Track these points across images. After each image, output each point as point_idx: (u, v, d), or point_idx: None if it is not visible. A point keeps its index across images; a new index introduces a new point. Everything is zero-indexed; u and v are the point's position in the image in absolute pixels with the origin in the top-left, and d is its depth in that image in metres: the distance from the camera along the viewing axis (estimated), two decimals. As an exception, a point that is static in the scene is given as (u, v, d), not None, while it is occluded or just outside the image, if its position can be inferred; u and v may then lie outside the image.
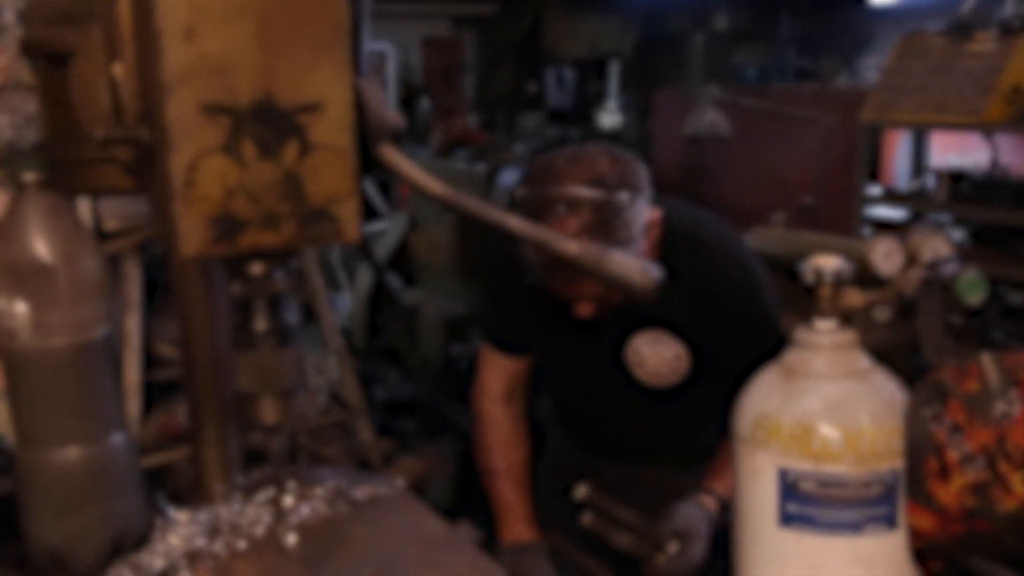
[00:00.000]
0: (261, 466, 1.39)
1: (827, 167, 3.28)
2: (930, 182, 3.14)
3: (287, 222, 0.67)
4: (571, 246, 0.64)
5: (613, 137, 6.92)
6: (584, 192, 1.39)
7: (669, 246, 1.56)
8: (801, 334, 1.32)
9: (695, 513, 1.58)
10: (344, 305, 5.06)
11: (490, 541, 3.73)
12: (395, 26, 7.94)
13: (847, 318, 1.72)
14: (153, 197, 0.71)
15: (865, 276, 1.43)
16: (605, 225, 1.41)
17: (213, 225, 0.65)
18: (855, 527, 1.23)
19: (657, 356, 1.64)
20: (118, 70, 0.74)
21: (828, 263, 1.29)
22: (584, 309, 1.58)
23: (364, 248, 1.11)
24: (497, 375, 1.80)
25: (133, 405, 1.47)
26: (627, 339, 1.65)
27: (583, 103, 7.94)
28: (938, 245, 1.31)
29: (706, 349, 1.62)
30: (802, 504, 1.24)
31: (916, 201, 3.04)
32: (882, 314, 1.34)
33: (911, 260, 1.35)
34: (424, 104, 7.56)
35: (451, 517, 3.37)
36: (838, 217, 3.28)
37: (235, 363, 0.72)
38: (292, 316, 0.73)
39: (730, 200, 4.06)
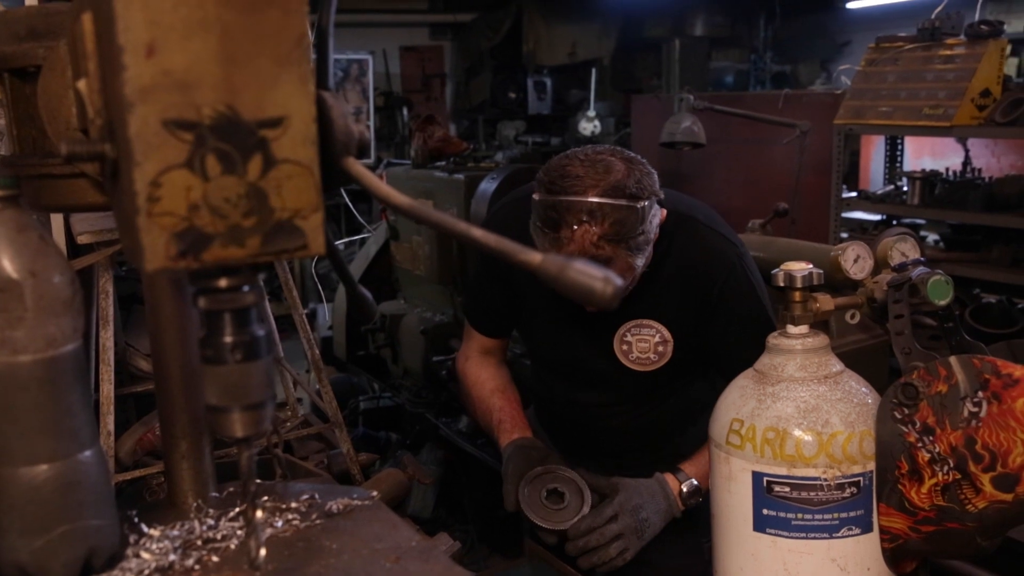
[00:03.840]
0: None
1: (803, 172, 3.31)
2: (905, 186, 3.18)
3: (252, 236, 0.67)
4: (534, 257, 0.64)
5: (593, 144, 6.95)
6: (606, 201, 1.40)
7: (662, 225, 1.58)
8: (773, 339, 1.33)
9: (644, 486, 1.61)
10: (326, 317, 5.05)
11: (473, 550, 3.70)
12: (374, 34, 7.96)
13: (822, 323, 1.74)
14: (118, 213, 0.71)
15: (837, 281, 1.45)
16: (625, 233, 1.42)
17: (177, 240, 0.65)
18: (830, 530, 1.24)
19: (643, 343, 1.67)
20: (81, 86, 0.74)
21: (798, 268, 1.31)
22: (592, 306, 1.60)
23: (334, 260, 1.11)
24: (478, 344, 1.90)
25: (109, 419, 1.46)
26: (616, 328, 1.67)
27: (563, 110, 7.99)
28: (906, 248, 1.33)
29: (691, 332, 1.64)
30: (776, 508, 1.25)
31: (890, 205, 3.07)
32: (854, 319, 1.35)
33: (881, 264, 1.37)
34: (404, 113, 7.57)
35: (433, 526, 3.37)
36: (815, 222, 3.31)
37: (203, 377, 0.71)
38: (261, 329, 0.73)
39: (711, 205, 4.09)
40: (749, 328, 1.51)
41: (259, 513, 0.76)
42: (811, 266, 1.30)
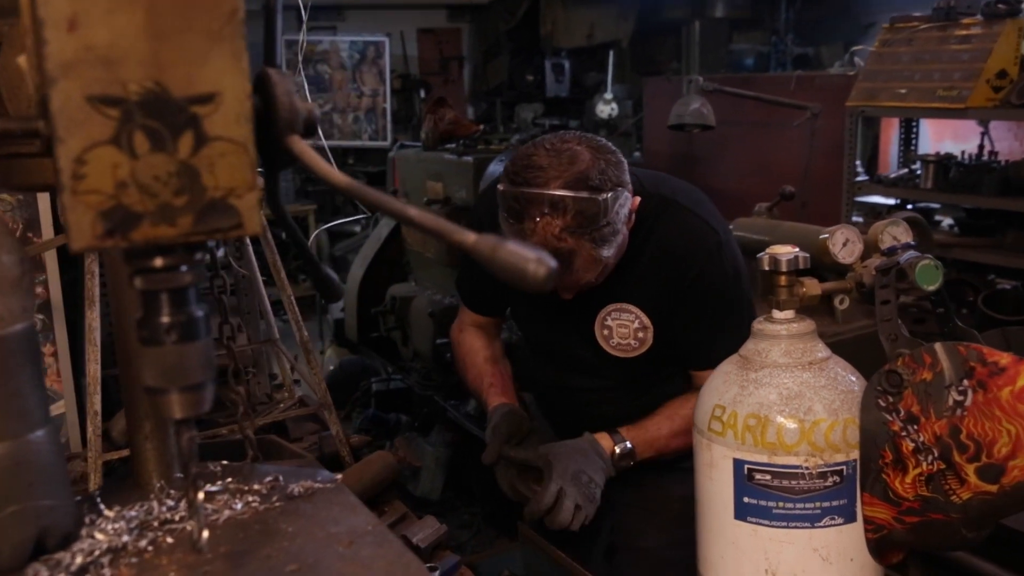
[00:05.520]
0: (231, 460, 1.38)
1: (816, 156, 3.25)
2: (919, 170, 3.11)
3: (184, 215, 0.66)
4: (468, 237, 0.62)
5: (610, 126, 6.90)
6: (567, 194, 1.39)
7: (642, 210, 1.57)
8: (759, 324, 1.31)
9: (566, 441, 1.62)
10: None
11: (480, 533, 3.71)
12: (391, 16, 7.93)
13: (828, 309, 1.70)
14: (55, 191, 0.70)
15: (826, 266, 1.41)
16: (588, 224, 1.41)
17: (104, 218, 0.63)
18: (811, 519, 1.22)
19: (623, 328, 1.66)
20: (21, 61, 0.72)
21: (783, 252, 1.28)
22: (567, 293, 1.60)
23: (294, 239, 1.09)
24: (471, 318, 1.92)
25: (96, 399, 1.46)
26: (596, 313, 1.66)
27: (581, 93, 7.92)
28: (898, 232, 1.29)
29: (670, 319, 1.63)
30: (757, 496, 1.23)
31: (903, 189, 3.01)
32: (843, 304, 1.32)
33: (872, 249, 1.34)
34: (421, 95, 7.55)
35: (442, 508, 3.38)
36: (828, 206, 3.26)
37: (141, 358, 0.70)
38: (200, 309, 0.72)
39: (721, 189, 4.04)
40: (724, 316, 1.48)
41: (200, 495, 0.75)
42: (797, 250, 1.27)
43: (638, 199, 1.54)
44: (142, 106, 0.64)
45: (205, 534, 0.76)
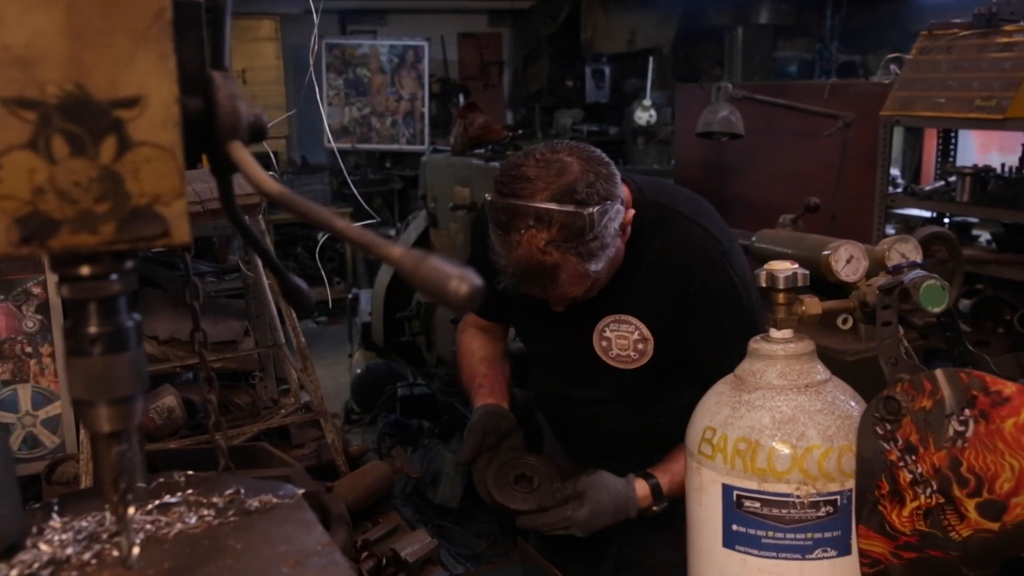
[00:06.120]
0: (216, 469, 1.36)
1: (851, 166, 3.16)
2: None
3: (106, 222, 0.63)
4: (394, 251, 0.59)
5: (648, 133, 6.82)
6: (553, 207, 1.35)
7: (641, 219, 1.53)
8: (755, 343, 1.25)
9: (608, 483, 1.58)
10: (367, 302, 5.07)
11: (497, 543, 3.67)
12: (432, 21, 7.95)
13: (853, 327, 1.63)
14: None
15: (833, 283, 1.35)
16: (574, 238, 1.37)
17: (19, 225, 0.61)
18: (803, 551, 1.16)
19: (622, 339, 1.62)
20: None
21: (781, 268, 1.22)
22: (558, 306, 1.56)
23: (257, 248, 1.06)
24: (473, 320, 1.90)
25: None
26: (594, 324, 1.63)
27: (620, 99, 7.85)
28: (907, 250, 1.23)
29: (671, 331, 1.58)
30: (746, 524, 1.17)
31: (938, 202, 2.90)
32: (846, 324, 1.26)
33: (879, 266, 1.27)
34: (459, 100, 7.54)
35: (461, 516, 3.35)
36: (860, 218, 3.16)
37: (67, 369, 0.68)
38: (130, 320, 0.69)
39: (752, 199, 3.95)
40: (727, 330, 1.43)
41: (131, 511, 0.72)
42: (796, 266, 1.22)
43: (632, 212, 1.49)
44: (61, 109, 0.61)
45: (135, 551, 0.74)
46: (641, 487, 1.60)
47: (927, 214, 3.22)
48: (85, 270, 0.67)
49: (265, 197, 0.67)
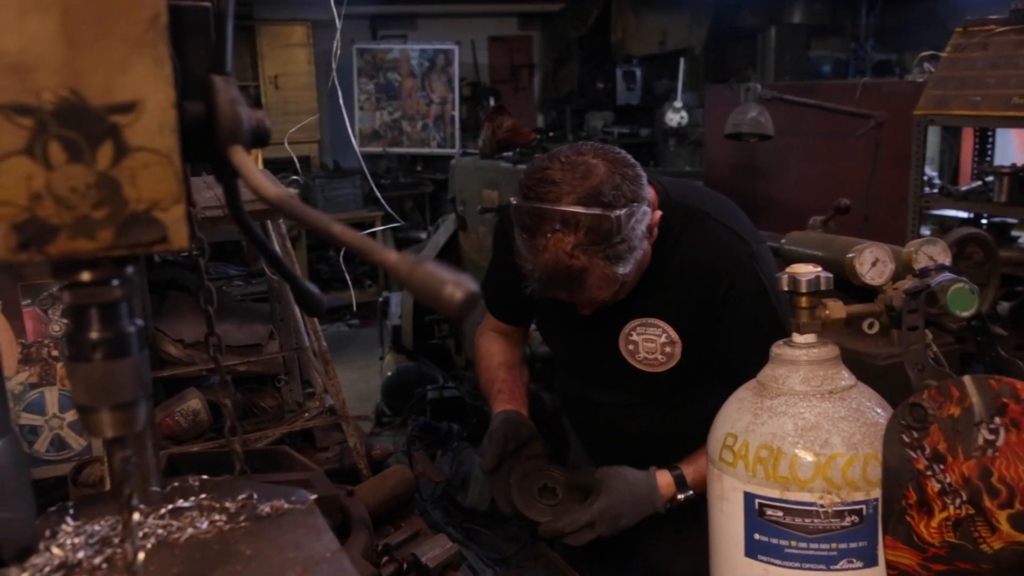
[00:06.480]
0: (230, 473, 1.37)
1: (884, 167, 3.10)
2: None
3: (104, 228, 0.63)
4: (389, 256, 0.58)
5: (679, 135, 6.77)
6: (579, 210, 1.34)
7: (668, 221, 1.51)
8: (777, 348, 1.22)
9: (626, 473, 1.57)
10: (397, 305, 5.09)
11: (526, 547, 3.65)
12: (463, 24, 7.97)
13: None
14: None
15: (859, 286, 1.32)
16: (601, 241, 1.36)
17: (17, 231, 0.61)
18: (827, 561, 1.13)
19: (649, 343, 1.60)
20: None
21: (803, 272, 1.19)
22: (585, 310, 1.55)
23: (265, 252, 1.06)
24: (493, 323, 1.91)
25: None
26: (621, 328, 1.61)
27: (651, 101, 7.79)
28: (935, 252, 1.19)
29: (699, 334, 1.56)
30: (769, 533, 1.14)
31: (974, 203, 2.83)
32: (872, 328, 1.22)
33: (906, 269, 1.24)
34: (490, 103, 7.54)
35: (490, 519, 3.34)
36: (893, 219, 3.09)
37: (69, 375, 0.68)
38: (131, 326, 0.69)
39: (783, 200, 3.89)
40: (755, 333, 1.40)
41: (135, 516, 0.72)
42: (819, 269, 1.19)
43: (659, 213, 1.47)
44: (57, 115, 0.61)
45: (140, 556, 0.73)
46: (663, 476, 1.58)
47: (964, 215, 3.14)
48: (85, 276, 0.67)
49: (263, 201, 0.66)
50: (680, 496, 1.56)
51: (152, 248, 0.65)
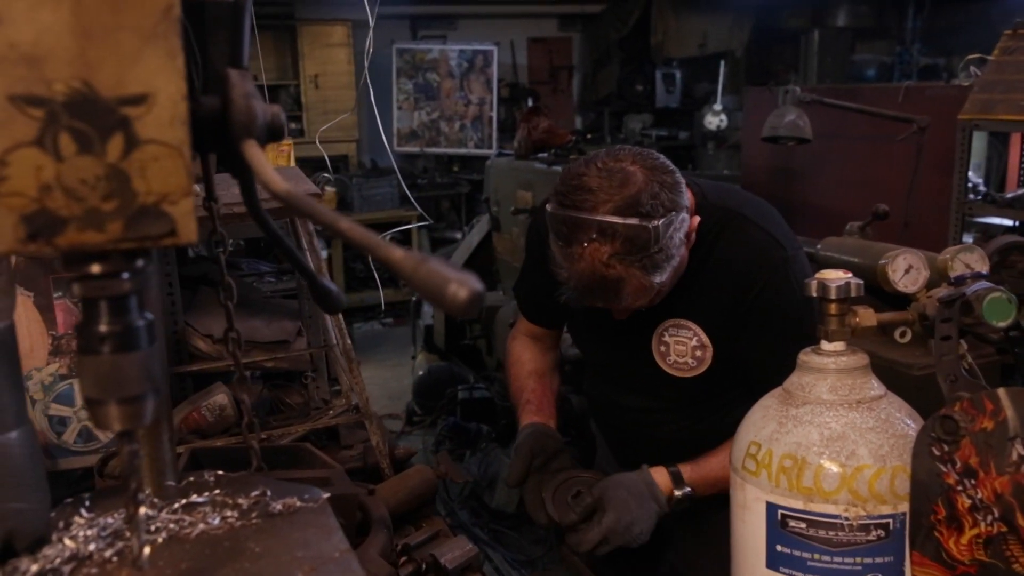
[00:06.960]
0: (248, 469, 1.37)
1: (926, 172, 3.03)
2: (1043, 189, 2.84)
3: (113, 220, 0.63)
4: (394, 253, 0.57)
5: (719, 138, 6.70)
6: (617, 220, 1.32)
7: (705, 223, 1.48)
8: (804, 356, 1.19)
9: (622, 478, 1.55)
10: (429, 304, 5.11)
11: (553, 550, 3.64)
12: (502, 25, 7.97)
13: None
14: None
15: (892, 294, 1.28)
16: (638, 251, 1.33)
17: (26, 223, 0.61)
18: (852, 576, 1.10)
19: (680, 345, 1.57)
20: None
21: (833, 278, 1.16)
22: (620, 315, 1.53)
23: (282, 248, 1.06)
24: (526, 327, 1.88)
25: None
26: (654, 328, 1.59)
27: (691, 103, 7.73)
28: (972, 260, 1.15)
29: (730, 338, 1.54)
30: (791, 545, 1.11)
31: (1020, 210, 2.75)
32: (904, 337, 1.19)
33: (941, 277, 1.20)
34: (528, 104, 7.53)
35: (517, 521, 3.33)
36: (934, 226, 3.02)
37: (78, 368, 0.68)
38: (141, 319, 0.69)
39: (821, 205, 3.83)
40: (785, 339, 1.36)
41: (142, 510, 0.72)
42: (850, 275, 1.15)
43: (697, 219, 1.44)
44: (68, 107, 0.61)
45: (146, 551, 0.73)
46: (658, 473, 1.57)
47: (1008, 223, 3.06)
48: (95, 268, 0.67)
49: (272, 196, 0.66)
50: (678, 492, 1.54)
51: (161, 241, 0.65)
